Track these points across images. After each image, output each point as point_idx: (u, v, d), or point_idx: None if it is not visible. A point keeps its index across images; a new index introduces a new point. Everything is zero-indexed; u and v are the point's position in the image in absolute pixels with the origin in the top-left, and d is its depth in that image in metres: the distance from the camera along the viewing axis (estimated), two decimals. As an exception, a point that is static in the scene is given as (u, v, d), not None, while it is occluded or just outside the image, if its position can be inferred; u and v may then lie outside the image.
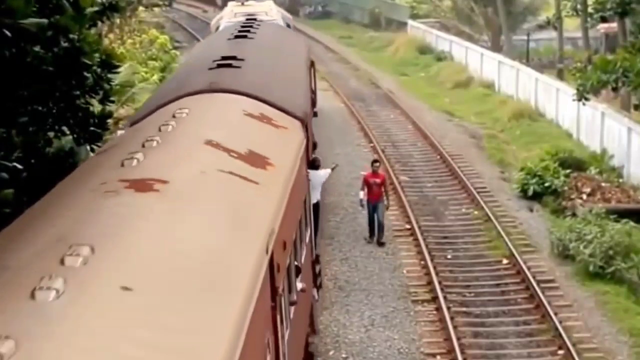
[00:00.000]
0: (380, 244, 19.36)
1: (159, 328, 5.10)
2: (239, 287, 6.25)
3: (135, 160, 7.84)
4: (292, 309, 9.86)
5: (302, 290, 10.96)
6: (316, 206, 16.87)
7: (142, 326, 5.03)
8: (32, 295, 4.91)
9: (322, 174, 17.89)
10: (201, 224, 7.02)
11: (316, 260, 15.03)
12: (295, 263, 10.55)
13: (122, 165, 7.81)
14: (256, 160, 9.41)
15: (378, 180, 19.58)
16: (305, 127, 13.28)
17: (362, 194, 19.63)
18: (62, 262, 5.41)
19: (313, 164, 17.37)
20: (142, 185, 7.20)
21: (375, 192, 19.42)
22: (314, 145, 17.83)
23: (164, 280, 5.72)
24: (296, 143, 11.91)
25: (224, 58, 14.55)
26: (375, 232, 19.58)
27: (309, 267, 13.27)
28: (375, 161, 20.74)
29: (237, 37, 18.14)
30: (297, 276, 10.66)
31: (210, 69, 14.03)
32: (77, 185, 7.79)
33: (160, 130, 9.34)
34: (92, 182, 7.55)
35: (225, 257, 6.60)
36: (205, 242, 6.69)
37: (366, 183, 19.58)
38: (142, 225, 6.49)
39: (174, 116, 10.26)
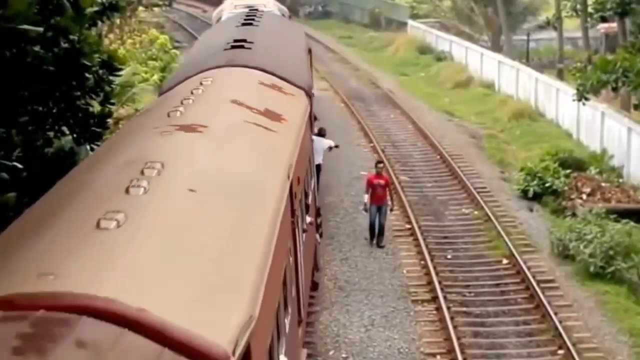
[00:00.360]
0: (380, 247, 19.19)
1: (215, 217, 7.09)
2: (271, 200, 8.37)
3: (178, 112, 9.80)
4: (304, 235, 12.27)
5: (310, 223, 13.83)
6: (318, 167, 19.41)
7: (205, 213, 7.07)
8: (127, 191, 6.76)
9: (325, 142, 20.81)
10: (238, 155, 9.09)
11: (318, 213, 17.21)
12: (305, 202, 12.73)
13: (168, 116, 9.72)
14: (272, 115, 11.49)
15: (382, 182, 19.10)
16: (308, 96, 15.40)
17: (367, 197, 19.06)
18: (142, 172, 7.23)
19: (320, 133, 21.06)
20: (188, 128, 9.15)
21: (379, 194, 18.96)
22: (315, 118, 20.29)
23: (217, 188, 7.69)
24: (302, 107, 14.21)
25: (235, 41, 16.23)
26: (376, 234, 19.28)
27: (313, 211, 15.43)
28: (379, 162, 20.50)
29: (243, 24, 19.52)
30: (306, 212, 13.18)
31: (225, 49, 15.77)
32: (132, 132, 9.76)
33: (192, 93, 11.25)
34: (145, 128, 9.49)
35: (259, 179, 8.62)
36: (243, 167, 8.69)
37: (370, 185, 19.09)
38: (194, 153, 8.45)
39: (201, 84, 12.09)
